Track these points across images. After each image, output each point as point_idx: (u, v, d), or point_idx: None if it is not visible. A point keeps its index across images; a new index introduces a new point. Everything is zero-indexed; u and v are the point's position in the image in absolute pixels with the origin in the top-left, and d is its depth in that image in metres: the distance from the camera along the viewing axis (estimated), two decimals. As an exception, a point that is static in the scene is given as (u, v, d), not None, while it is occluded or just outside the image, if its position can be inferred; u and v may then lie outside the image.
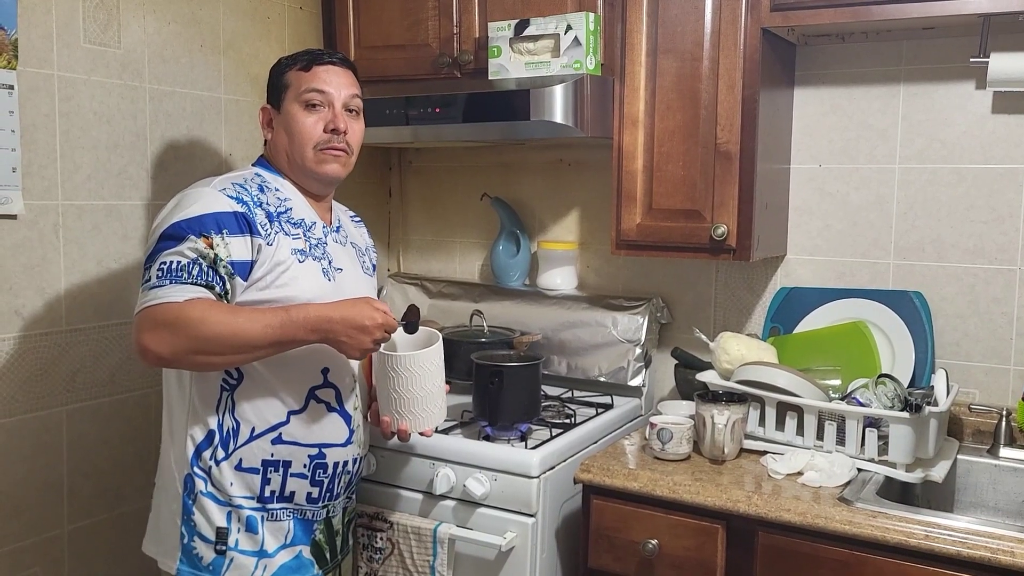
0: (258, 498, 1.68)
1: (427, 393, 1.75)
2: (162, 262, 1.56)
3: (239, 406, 1.66)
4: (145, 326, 1.54)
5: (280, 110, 1.78)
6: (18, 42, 1.85)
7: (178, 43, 2.20)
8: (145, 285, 1.56)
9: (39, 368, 1.95)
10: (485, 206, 2.70)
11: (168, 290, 1.54)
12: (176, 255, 1.56)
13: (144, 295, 1.56)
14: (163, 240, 1.58)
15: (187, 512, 1.67)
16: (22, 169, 1.88)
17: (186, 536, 1.67)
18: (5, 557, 1.91)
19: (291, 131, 1.75)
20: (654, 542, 1.82)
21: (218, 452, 1.66)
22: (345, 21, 2.51)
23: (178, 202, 1.65)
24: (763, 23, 1.99)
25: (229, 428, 1.66)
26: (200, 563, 1.67)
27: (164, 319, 1.52)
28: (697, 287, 2.45)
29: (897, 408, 1.84)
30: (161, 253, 1.57)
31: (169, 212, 1.64)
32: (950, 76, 2.11)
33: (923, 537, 1.58)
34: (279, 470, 1.69)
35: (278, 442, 1.68)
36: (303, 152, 1.75)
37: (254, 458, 1.67)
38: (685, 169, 2.09)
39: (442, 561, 1.92)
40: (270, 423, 1.67)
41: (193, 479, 1.66)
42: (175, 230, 1.58)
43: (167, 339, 1.52)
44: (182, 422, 1.68)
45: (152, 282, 1.55)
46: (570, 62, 2.11)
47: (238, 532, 1.67)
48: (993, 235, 2.09)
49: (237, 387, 1.66)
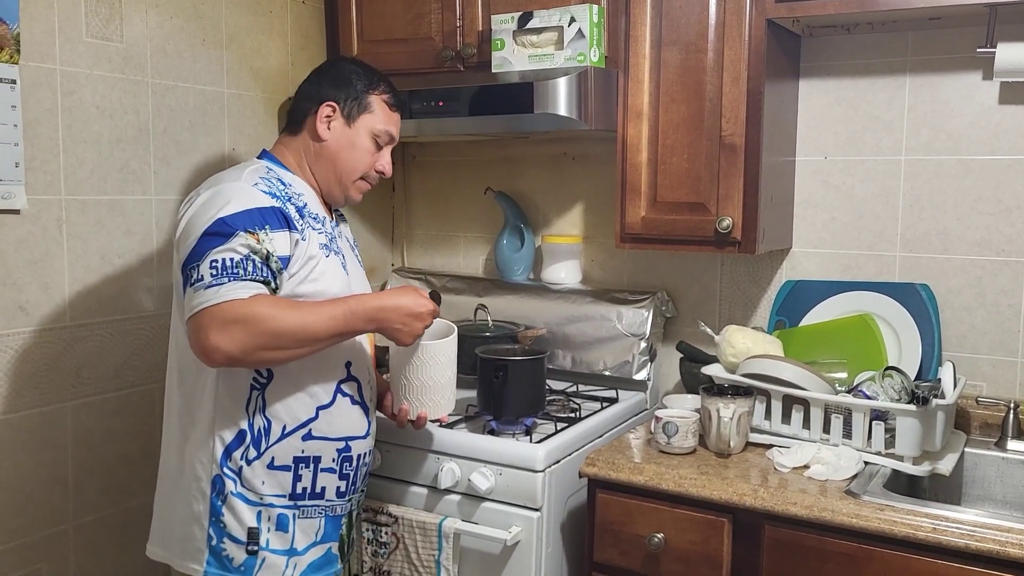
0: (290, 495, 1.68)
1: (447, 380, 1.83)
2: (213, 260, 1.52)
3: (270, 405, 1.66)
4: (212, 325, 1.49)
5: (351, 126, 1.77)
6: (20, 36, 1.85)
7: (180, 37, 2.19)
8: (198, 284, 1.51)
9: (44, 364, 1.95)
10: (489, 200, 2.70)
11: (229, 288, 1.50)
12: (228, 252, 1.53)
13: (200, 294, 1.51)
14: (207, 237, 1.54)
15: (215, 513, 1.65)
16: (25, 164, 1.88)
17: (214, 538, 1.65)
18: (11, 553, 1.91)
19: (350, 152, 1.77)
20: (660, 536, 1.81)
21: (250, 452, 1.65)
22: (348, 15, 2.50)
23: (210, 198, 1.61)
24: (768, 14, 1.98)
25: (260, 427, 1.65)
26: (231, 565, 1.65)
27: (233, 316, 1.49)
28: (702, 280, 2.44)
29: (904, 401, 1.83)
30: (210, 251, 1.53)
31: (203, 208, 1.59)
32: (957, 67, 2.09)
33: (931, 530, 1.57)
34: (310, 466, 1.69)
35: (308, 438, 1.69)
36: (348, 177, 1.78)
37: (286, 456, 1.67)
38: (690, 162, 2.08)
39: (447, 555, 1.91)
40: (300, 420, 1.68)
41: (223, 480, 1.64)
42: (220, 227, 1.55)
43: (239, 337, 1.49)
44: (206, 423, 1.66)
45: (207, 281, 1.51)
46: (574, 54, 2.10)
47: (268, 532, 1.67)
48: (1000, 227, 2.08)
49: (267, 385, 1.66)
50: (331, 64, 1.86)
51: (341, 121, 1.77)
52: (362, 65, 1.83)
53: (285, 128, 1.84)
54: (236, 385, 1.65)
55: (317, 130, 1.76)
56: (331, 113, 1.76)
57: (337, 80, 1.78)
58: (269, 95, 2.43)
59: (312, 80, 1.82)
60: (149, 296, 2.16)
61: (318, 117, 1.76)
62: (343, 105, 1.77)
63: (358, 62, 1.85)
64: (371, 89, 1.79)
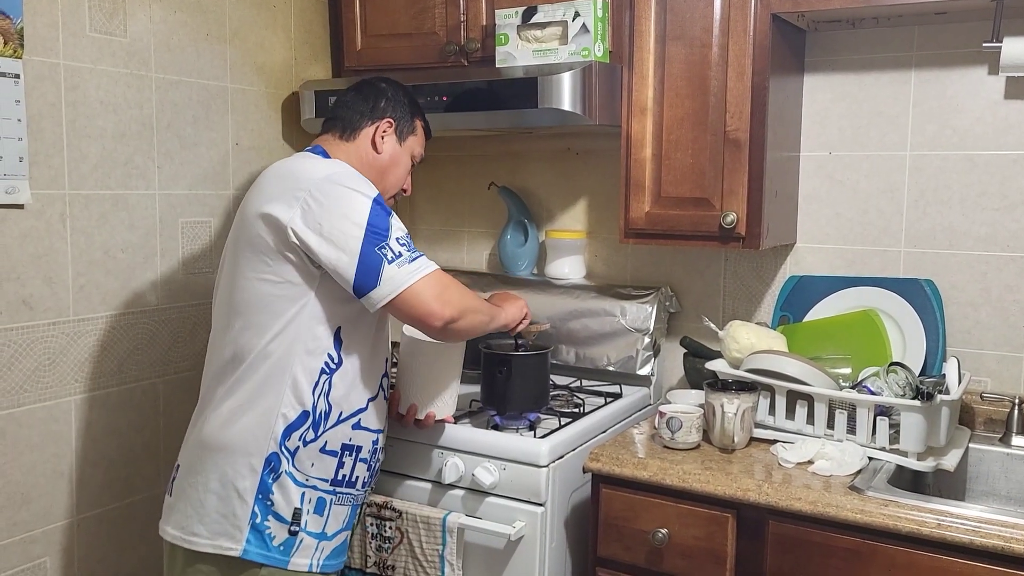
0: (331, 481, 1.73)
1: (453, 381, 1.90)
2: (397, 236, 1.64)
3: (335, 389, 1.71)
4: (431, 292, 1.63)
5: (402, 145, 1.89)
6: (24, 31, 1.85)
7: (184, 32, 2.19)
8: (398, 260, 1.62)
9: (47, 358, 1.95)
10: (493, 195, 2.69)
11: (426, 261, 1.65)
12: (400, 228, 1.66)
13: (406, 268, 1.62)
14: (376, 213, 1.63)
15: (264, 491, 1.66)
16: (29, 158, 1.88)
17: (259, 515, 1.66)
18: (15, 546, 1.92)
19: (396, 170, 1.89)
20: (664, 531, 1.81)
21: (308, 434, 1.68)
22: (351, 9, 2.50)
23: (335, 174, 1.66)
24: (773, 9, 1.97)
25: (322, 411, 1.70)
26: (271, 543, 1.66)
27: (447, 283, 1.67)
28: (706, 276, 2.44)
29: (908, 396, 1.83)
30: (389, 228, 1.63)
31: (340, 182, 1.65)
32: (962, 62, 2.09)
33: (935, 526, 1.57)
34: (352, 454, 1.75)
35: (357, 428, 1.75)
36: (391, 189, 1.90)
37: (336, 442, 1.72)
38: (694, 157, 2.08)
39: (451, 550, 1.91)
40: (355, 408, 1.74)
41: (279, 457, 1.66)
42: (376, 206, 1.64)
43: (456, 300, 1.66)
44: (271, 401, 1.66)
45: (406, 255, 1.63)
46: (578, 49, 2.09)
47: (308, 513, 1.70)
48: (1005, 222, 2.07)
49: (336, 371, 1.70)
50: (385, 81, 1.91)
51: (394, 139, 1.87)
52: (407, 90, 1.93)
53: (335, 130, 1.85)
54: (311, 367, 1.67)
55: (375, 142, 1.84)
56: (388, 129, 1.86)
57: (395, 99, 1.88)
58: (273, 90, 2.43)
59: (369, 93, 1.87)
60: (152, 291, 2.16)
61: (377, 131, 1.85)
62: (399, 124, 1.87)
63: (404, 86, 1.93)
64: (417, 114, 1.92)
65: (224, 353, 1.71)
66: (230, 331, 1.70)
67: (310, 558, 1.71)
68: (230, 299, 1.71)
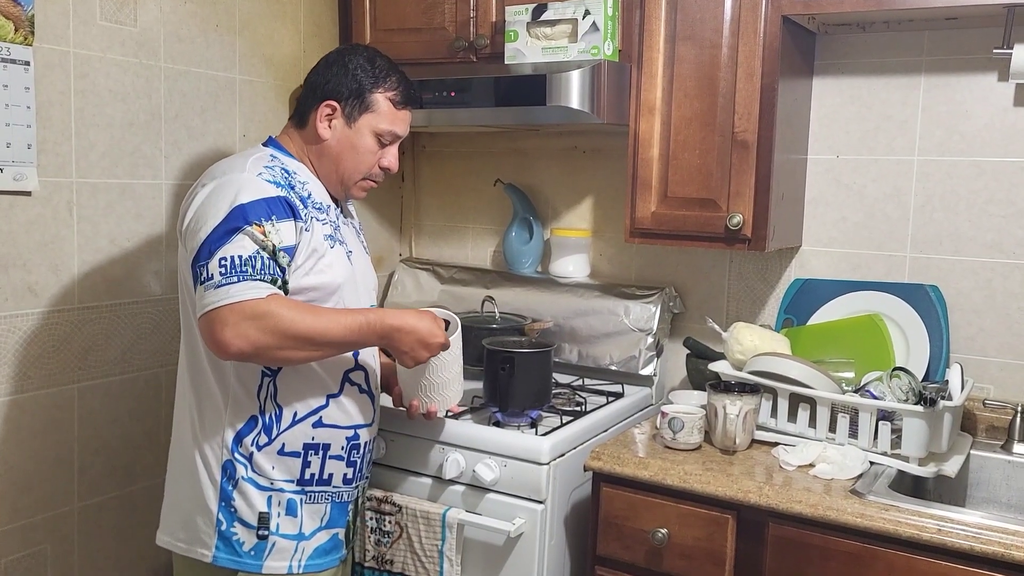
0: (298, 481, 1.70)
1: (454, 375, 1.87)
2: (222, 258, 1.53)
3: (281, 392, 1.67)
4: (228, 321, 1.50)
5: (352, 126, 1.74)
6: (34, 18, 1.85)
7: (194, 23, 2.19)
8: (208, 283, 1.52)
9: (51, 345, 1.96)
10: (498, 192, 2.69)
11: (242, 287, 1.52)
12: (236, 249, 1.53)
13: (211, 293, 1.52)
14: (215, 233, 1.54)
15: (226, 498, 1.65)
16: (37, 146, 1.88)
17: (224, 522, 1.65)
18: (16, 532, 1.92)
19: (352, 154, 1.75)
20: (663, 531, 1.81)
21: (260, 438, 1.66)
22: (361, 3, 2.50)
23: (215, 190, 1.60)
24: (783, 11, 1.97)
25: (272, 414, 1.67)
26: (240, 548, 1.66)
27: (251, 314, 1.51)
28: (711, 277, 2.44)
29: (911, 402, 1.83)
30: (219, 249, 1.53)
31: (209, 201, 1.59)
32: (972, 68, 2.08)
33: (935, 531, 1.57)
34: (319, 453, 1.71)
35: (319, 425, 1.70)
36: (351, 176, 1.76)
37: (296, 442, 1.69)
38: (701, 158, 2.08)
39: (450, 546, 1.91)
40: (311, 407, 1.70)
41: (234, 465, 1.65)
42: (227, 222, 1.55)
43: (253, 335, 1.51)
44: (218, 409, 1.66)
45: (217, 279, 1.52)
46: (587, 47, 2.09)
47: (279, 516, 1.68)
48: (1012, 229, 2.07)
49: (279, 373, 1.67)
50: (339, 54, 1.78)
51: (342, 121, 1.74)
52: (371, 58, 1.76)
53: (292, 117, 1.81)
54: (248, 372, 1.65)
55: (317, 129, 1.73)
56: (331, 113, 1.73)
57: (341, 76, 1.73)
58: (281, 82, 2.43)
59: (319, 71, 1.77)
60: (157, 280, 2.16)
61: (318, 116, 1.73)
62: (344, 104, 1.73)
63: (368, 54, 1.78)
64: (376, 86, 1.74)
65: (183, 362, 1.74)
66: (186, 339, 1.73)
67: (288, 560, 1.69)
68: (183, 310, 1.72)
